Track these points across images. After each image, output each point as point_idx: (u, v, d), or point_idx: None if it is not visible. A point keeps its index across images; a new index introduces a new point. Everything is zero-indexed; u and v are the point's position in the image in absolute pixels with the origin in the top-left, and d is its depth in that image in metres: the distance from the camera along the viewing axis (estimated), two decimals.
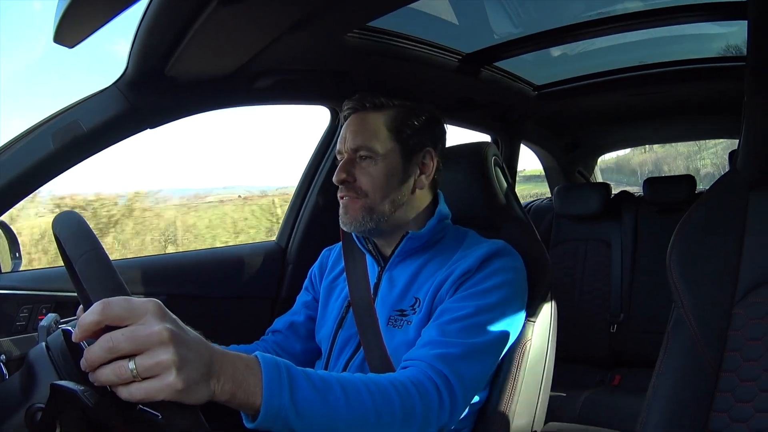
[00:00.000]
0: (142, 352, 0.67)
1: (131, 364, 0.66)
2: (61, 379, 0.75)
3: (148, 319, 0.68)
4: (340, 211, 1.35)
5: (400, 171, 1.34)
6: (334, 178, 1.33)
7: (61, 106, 1.32)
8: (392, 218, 1.34)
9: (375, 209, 1.32)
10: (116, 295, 0.70)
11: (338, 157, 1.37)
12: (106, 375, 0.67)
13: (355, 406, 0.92)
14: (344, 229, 1.37)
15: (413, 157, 1.36)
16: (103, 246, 0.76)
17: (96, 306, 0.68)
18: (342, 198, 1.34)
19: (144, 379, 0.66)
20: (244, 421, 0.83)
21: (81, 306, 0.88)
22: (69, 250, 0.76)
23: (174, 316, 0.72)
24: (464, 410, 1.13)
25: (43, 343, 0.82)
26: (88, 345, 0.69)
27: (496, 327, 1.18)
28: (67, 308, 1.43)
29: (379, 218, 1.32)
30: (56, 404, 0.72)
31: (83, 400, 0.69)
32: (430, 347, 1.11)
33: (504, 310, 1.21)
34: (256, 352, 0.84)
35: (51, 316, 0.88)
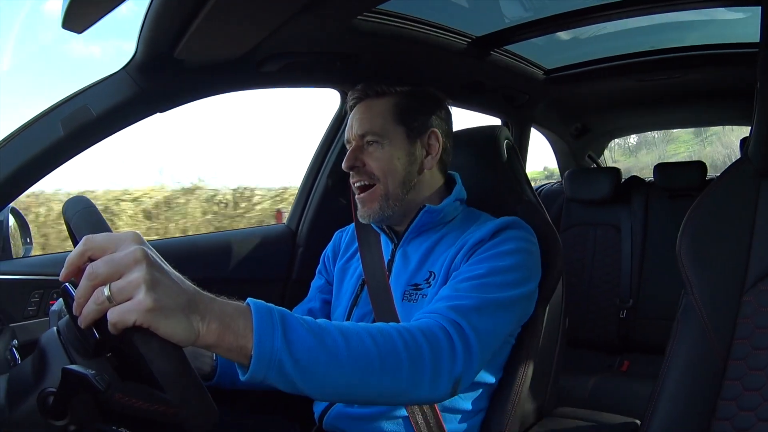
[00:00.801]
0: (120, 275, 0.67)
1: (106, 290, 0.67)
2: (72, 364, 0.76)
3: (126, 245, 0.69)
4: (358, 206, 1.38)
5: (406, 153, 1.37)
6: (343, 165, 1.36)
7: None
8: (405, 200, 1.36)
9: (390, 194, 1.34)
10: (100, 232, 0.72)
11: (347, 146, 1.40)
12: (89, 309, 0.68)
13: (357, 349, 0.87)
14: (363, 221, 1.39)
15: (418, 138, 1.39)
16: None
17: (80, 242, 0.70)
18: (355, 184, 1.37)
19: (119, 304, 0.67)
20: (240, 376, 0.80)
21: None
22: (77, 233, 0.77)
23: (158, 256, 0.72)
24: (481, 365, 1.07)
25: (55, 328, 0.83)
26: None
27: (510, 288, 1.15)
28: None
29: (395, 203, 1.35)
30: (68, 388, 0.73)
31: (94, 384, 0.70)
32: (443, 302, 1.09)
33: (518, 274, 1.19)
34: (248, 299, 0.81)
35: (62, 300, 0.89)
